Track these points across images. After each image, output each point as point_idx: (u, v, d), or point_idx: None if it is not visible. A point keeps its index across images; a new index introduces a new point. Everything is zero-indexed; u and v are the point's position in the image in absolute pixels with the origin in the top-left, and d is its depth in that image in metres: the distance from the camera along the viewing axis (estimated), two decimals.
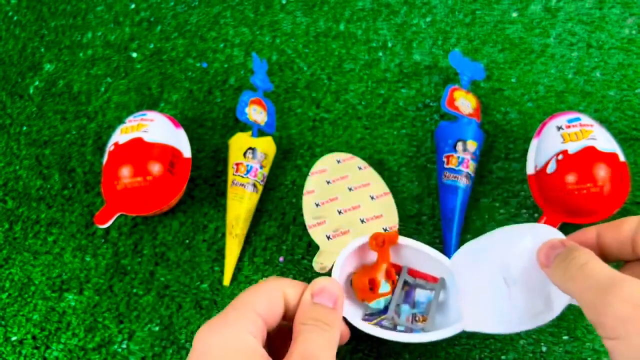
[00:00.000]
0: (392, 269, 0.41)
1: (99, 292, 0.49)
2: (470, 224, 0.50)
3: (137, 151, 0.48)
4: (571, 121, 0.47)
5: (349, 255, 0.41)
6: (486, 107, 0.55)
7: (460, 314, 0.39)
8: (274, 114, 0.54)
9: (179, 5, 0.64)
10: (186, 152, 0.51)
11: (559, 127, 0.47)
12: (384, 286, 0.40)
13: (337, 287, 0.34)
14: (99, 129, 0.57)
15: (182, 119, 0.57)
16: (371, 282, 0.40)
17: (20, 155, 0.56)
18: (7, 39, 0.64)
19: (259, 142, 0.51)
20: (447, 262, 0.41)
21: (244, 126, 0.56)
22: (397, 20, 0.61)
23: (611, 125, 0.53)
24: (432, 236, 0.49)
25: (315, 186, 0.48)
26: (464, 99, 0.51)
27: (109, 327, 0.47)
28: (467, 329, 0.38)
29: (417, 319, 0.41)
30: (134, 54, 0.61)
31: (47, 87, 0.60)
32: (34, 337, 0.48)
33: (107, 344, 0.47)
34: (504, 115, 0.54)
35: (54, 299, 0.49)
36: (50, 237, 0.52)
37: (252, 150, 0.50)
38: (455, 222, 0.48)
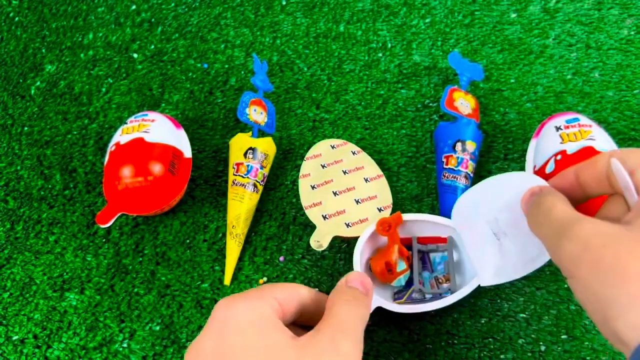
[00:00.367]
0: (404, 248, 0.44)
1: (100, 291, 0.49)
2: None
3: (138, 151, 0.48)
4: (570, 121, 0.47)
5: (364, 244, 0.44)
6: (485, 107, 0.55)
7: (474, 270, 0.43)
8: (274, 115, 0.54)
9: (179, 6, 0.64)
10: (187, 152, 0.51)
11: (558, 128, 0.47)
12: (400, 265, 0.43)
13: (369, 280, 0.36)
14: (100, 130, 0.57)
15: (182, 120, 0.57)
16: (388, 265, 0.43)
17: (21, 155, 0.57)
18: (8, 39, 0.64)
19: (260, 143, 0.51)
20: (450, 223, 0.44)
21: (245, 126, 0.56)
22: (396, 21, 0.61)
23: (610, 125, 0.53)
24: None
25: (310, 170, 0.50)
26: (463, 100, 0.52)
27: (110, 327, 0.48)
28: (481, 284, 0.41)
29: (440, 281, 0.45)
30: (135, 55, 0.61)
31: (48, 87, 0.60)
32: (35, 337, 0.48)
33: (108, 343, 0.47)
34: (503, 115, 0.55)
35: (55, 298, 0.49)
36: (51, 237, 0.52)
37: (253, 150, 0.50)
38: None
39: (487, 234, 0.41)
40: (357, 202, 0.48)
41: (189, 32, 0.62)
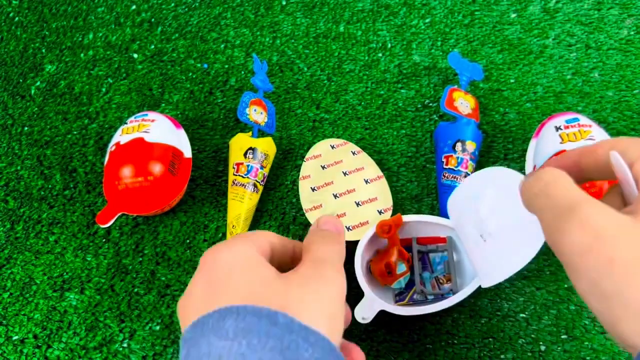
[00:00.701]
0: (404, 250, 0.45)
1: (100, 291, 0.49)
2: None
3: (139, 151, 0.48)
4: (569, 122, 0.47)
5: (365, 246, 0.45)
6: (485, 107, 0.55)
7: (474, 270, 0.43)
8: (274, 115, 0.54)
9: (179, 6, 0.64)
10: (187, 152, 0.51)
11: (558, 128, 0.47)
12: (400, 267, 0.44)
13: (340, 221, 0.37)
14: (100, 130, 0.57)
15: (183, 120, 0.57)
16: (387, 266, 0.44)
17: (21, 155, 0.57)
18: (8, 39, 0.64)
19: (260, 143, 0.51)
20: (449, 223, 0.45)
21: (245, 126, 0.56)
22: (396, 21, 0.61)
23: (609, 125, 0.53)
24: None
25: (310, 171, 0.50)
26: (463, 100, 0.52)
27: (110, 327, 0.48)
28: (482, 286, 0.41)
29: (440, 282, 0.45)
30: (135, 55, 0.61)
31: (48, 87, 0.60)
32: (35, 337, 0.48)
33: (108, 343, 0.47)
34: (503, 115, 0.55)
35: (56, 298, 0.49)
36: (51, 237, 0.52)
37: (253, 150, 0.50)
38: None
39: (474, 234, 0.42)
40: (358, 204, 0.48)
41: (189, 32, 0.62)
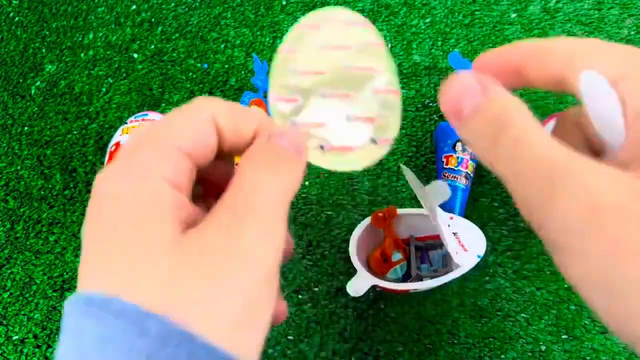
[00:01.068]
0: (399, 241, 0.45)
1: None
2: None
3: None
4: None
5: (361, 240, 0.45)
6: None
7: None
8: None
9: (179, 6, 0.64)
10: None
11: None
12: (395, 255, 0.44)
13: (304, 141, 0.24)
14: (101, 130, 0.57)
15: None
16: (382, 254, 0.44)
17: (21, 155, 0.57)
18: (8, 39, 0.64)
19: None
20: (443, 215, 0.45)
21: None
22: (396, 21, 0.61)
23: None
24: None
25: (298, 45, 0.31)
26: None
27: None
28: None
29: (437, 272, 0.46)
30: (135, 55, 0.61)
31: (48, 87, 0.60)
32: (35, 336, 0.48)
33: None
34: None
35: (56, 298, 0.49)
36: (51, 237, 0.52)
37: None
38: None
39: (444, 232, 0.44)
40: (349, 118, 0.29)
41: (189, 32, 0.62)
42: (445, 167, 0.49)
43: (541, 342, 0.44)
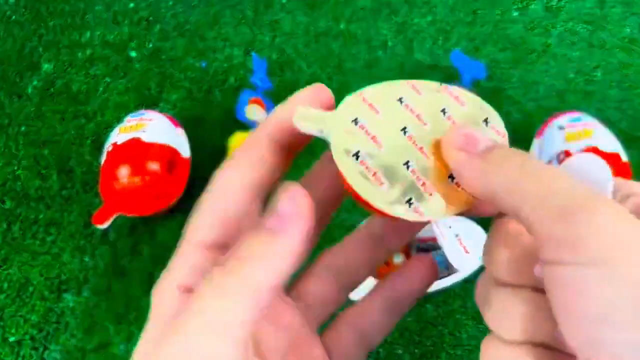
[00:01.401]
0: None
1: (98, 292, 0.49)
2: None
3: (136, 151, 0.47)
4: (573, 121, 0.47)
5: None
6: None
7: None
8: None
9: (178, 4, 0.64)
10: (185, 152, 0.50)
11: (561, 127, 0.47)
12: (396, 257, 0.44)
13: (301, 192, 0.17)
14: (98, 129, 0.57)
15: (181, 119, 0.56)
16: None
17: (18, 155, 0.56)
18: (5, 38, 0.63)
19: None
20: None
21: (244, 126, 0.56)
22: (397, 19, 0.60)
23: (613, 125, 0.52)
24: None
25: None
26: None
27: (107, 328, 0.47)
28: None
29: (440, 274, 0.46)
30: (133, 54, 0.61)
31: (45, 87, 0.60)
32: (32, 338, 0.47)
33: (105, 345, 0.47)
34: (506, 115, 0.54)
35: (53, 299, 0.49)
36: (48, 238, 0.52)
37: None
38: None
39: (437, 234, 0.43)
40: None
41: (188, 31, 0.62)
42: None
43: None
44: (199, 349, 0.16)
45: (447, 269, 0.46)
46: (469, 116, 0.22)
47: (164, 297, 0.19)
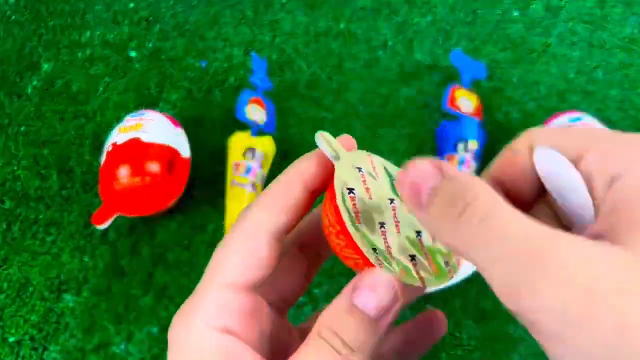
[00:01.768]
0: None
1: (98, 293, 0.49)
2: None
3: (135, 151, 0.47)
4: (573, 121, 0.47)
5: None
6: (487, 106, 0.55)
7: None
8: (274, 114, 0.54)
9: (178, 4, 0.64)
10: (185, 152, 0.50)
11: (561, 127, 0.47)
12: None
13: (395, 286, 0.19)
14: (98, 129, 0.57)
15: (181, 119, 0.56)
16: None
17: (18, 155, 0.56)
18: (5, 38, 0.63)
19: (259, 142, 0.50)
20: None
21: (244, 126, 0.56)
22: (397, 19, 0.60)
23: (613, 125, 0.52)
24: None
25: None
26: (465, 99, 0.51)
27: (107, 329, 0.47)
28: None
29: None
30: (133, 54, 0.61)
31: (45, 86, 0.60)
32: (32, 338, 0.47)
33: (105, 345, 0.46)
34: (506, 114, 0.54)
35: (52, 299, 0.49)
36: (48, 238, 0.52)
37: (252, 150, 0.50)
38: None
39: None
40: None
41: (188, 31, 0.62)
42: None
43: None
44: None
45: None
46: None
47: (191, 336, 0.20)
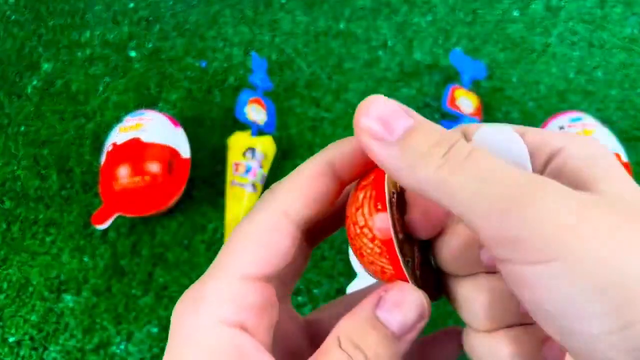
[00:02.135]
0: None
1: (98, 293, 0.49)
2: None
3: (135, 151, 0.47)
4: (573, 121, 0.47)
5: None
6: (487, 106, 0.54)
7: None
8: (274, 113, 0.54)
9: (178, 4, 0.64)
10: (185, 152, 0.50)
11: (561, 127, 0.47)
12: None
13: (423, 304, 0.18)
14: (98, 129, 0.57)
15: (181, 119, 0.56)
16: None
17: (18, 155, 0.56)
18: (5, 38, 0.63)
19: (259, 142, 0.50)
20: None
21: (244, 126, 0.56)
22: (397, 19, 0.60)
23: (613, 125, 0.52)
24: None
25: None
26: (465, 98, 0.51)
27: (107, 329, 0.47)
28: None
29: None
30: (133, 53, 0.61)
31: (45, 86, 0.60)
32: (31, 338, 0.47)
33: (105, 345, 0.46)
34: (506, 114, 0.54)
35: (52, 299, 0.49)
36: (48, 238, 0.52)
37: (252, 150, 0.50)
38: None
39: None
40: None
41: (187, 30, 0.62)
42: None
43: None
44: None
45: None
46: None
47: (199, 329, 0.18)
